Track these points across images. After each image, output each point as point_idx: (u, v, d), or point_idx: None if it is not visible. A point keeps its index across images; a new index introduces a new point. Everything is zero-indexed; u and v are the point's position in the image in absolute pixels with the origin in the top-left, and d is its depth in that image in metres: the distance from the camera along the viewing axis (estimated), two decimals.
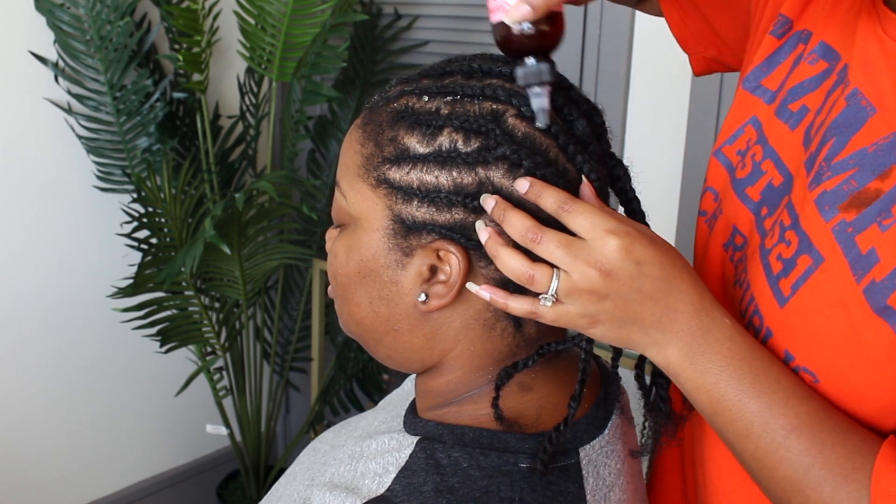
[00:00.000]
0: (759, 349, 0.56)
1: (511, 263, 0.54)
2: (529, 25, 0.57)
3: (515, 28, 0.57)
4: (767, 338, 0.59)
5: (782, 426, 0.53)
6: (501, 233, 0.55)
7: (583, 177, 0.57)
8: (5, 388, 1.89)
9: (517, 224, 0.54)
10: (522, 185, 0.54)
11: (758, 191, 0.65)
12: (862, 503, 0.49)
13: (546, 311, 0.55)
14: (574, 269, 0.53)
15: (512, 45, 0.58)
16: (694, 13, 0.81)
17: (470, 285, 0.56)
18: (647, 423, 0.64)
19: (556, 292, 0.54)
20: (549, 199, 0.54)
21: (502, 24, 0.58)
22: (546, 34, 0.57)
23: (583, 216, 0.54)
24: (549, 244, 0.54)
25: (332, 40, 1.79)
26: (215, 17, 1.90)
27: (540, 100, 0.56)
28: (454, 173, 0.55)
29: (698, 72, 0.87)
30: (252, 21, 1.83)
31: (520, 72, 0.57)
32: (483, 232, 0.55)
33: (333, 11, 1.76)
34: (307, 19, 1.80)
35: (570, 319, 0.55)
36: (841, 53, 0.61)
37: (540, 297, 0.54)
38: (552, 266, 0.54)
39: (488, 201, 0.55)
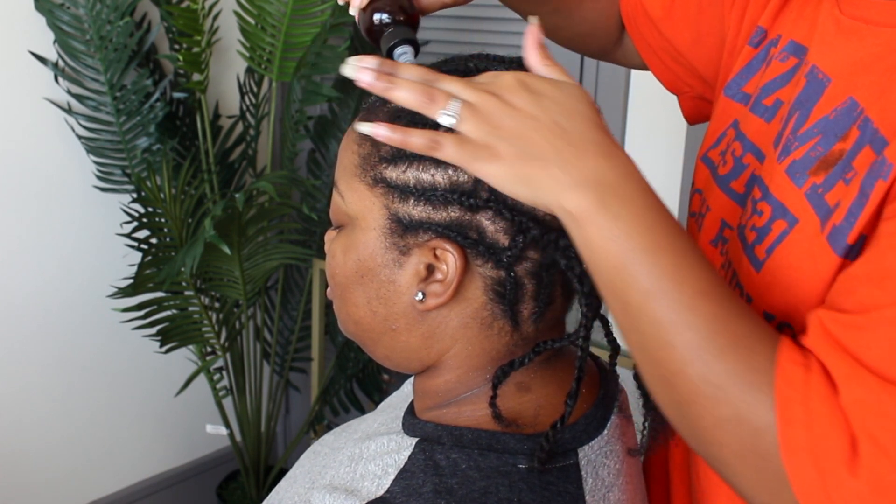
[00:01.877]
0: (671, 213, 0.53)
1: (406, 91, 0.53)
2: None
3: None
4: (750, 302, 0.58)
5: (693, 287, 0.49)
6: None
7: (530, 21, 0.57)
8: (5, 388, 1.89)
9: (412, 71, 0.55)
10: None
11: (742, 183, 0.66)
12: (766, 376, 0.47)
13: (447, 140, 0.52)
14: (471, 94, 0.53)
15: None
16: (670, 55, 0.83)
17: (360, 125, 0.55)
18: (646, 423, 0.64)
19: (457, 113, 0.52)
20: (448, 81, 0.55)
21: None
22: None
23: (484, 75, 0.56)
24: (447, 78, 0.55)
25: (332, 40, 1.79)
26: (215, 17, 1.90)
27: (407, 56, 0.62)
28: (450, 171, 0.55)
29: (689, 116, 0.87)
30: (252, 21, 1.83)
31: (385, 35, 0.63)
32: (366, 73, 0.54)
33: (333, 11, 1.76)
34: (307, 19, 1.80)
35: (471, 151, 0.52)
36: (808, 47, 0.63)
37: (439, 113, 0.52)
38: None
39: (362, 69, 0.54)
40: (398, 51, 0.62)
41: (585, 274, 0.56)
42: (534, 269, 0.57)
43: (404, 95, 0.53)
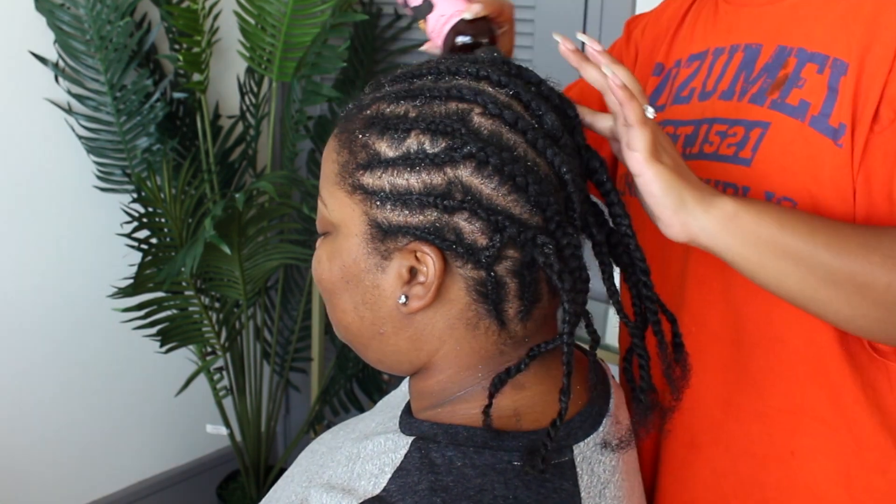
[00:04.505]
0: None
1: (626, 78, 0.63)
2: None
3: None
4: (746, 193, 0.71)
5: (843, 226, 0.62)
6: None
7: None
8: (5, 388, 1.89)
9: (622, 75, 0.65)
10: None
11: (680, 144, 0.81)
12: None
13: (650, 125, 0.62)
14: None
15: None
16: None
17: (582, 35, 0.66)
18: (633, 417, 0.64)
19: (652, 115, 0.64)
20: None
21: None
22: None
23: None
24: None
25: (332, 40, 1.80)
26: (215, 17, 1.91)
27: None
28: (423, 175, 0.56)
29: None
30: (252, 21, 1.83)
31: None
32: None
33: (333, 11, 1.76)
34: (307, 19, 1.80)
35: (651, 138, 0.62)
36: (707, 49, 0.82)
37: (646, 107, 0.63)
38: None
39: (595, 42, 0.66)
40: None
41: (565, 271, 0.56)
42: (514, 267, 0.57)
43: (625, 79, 0.62)
